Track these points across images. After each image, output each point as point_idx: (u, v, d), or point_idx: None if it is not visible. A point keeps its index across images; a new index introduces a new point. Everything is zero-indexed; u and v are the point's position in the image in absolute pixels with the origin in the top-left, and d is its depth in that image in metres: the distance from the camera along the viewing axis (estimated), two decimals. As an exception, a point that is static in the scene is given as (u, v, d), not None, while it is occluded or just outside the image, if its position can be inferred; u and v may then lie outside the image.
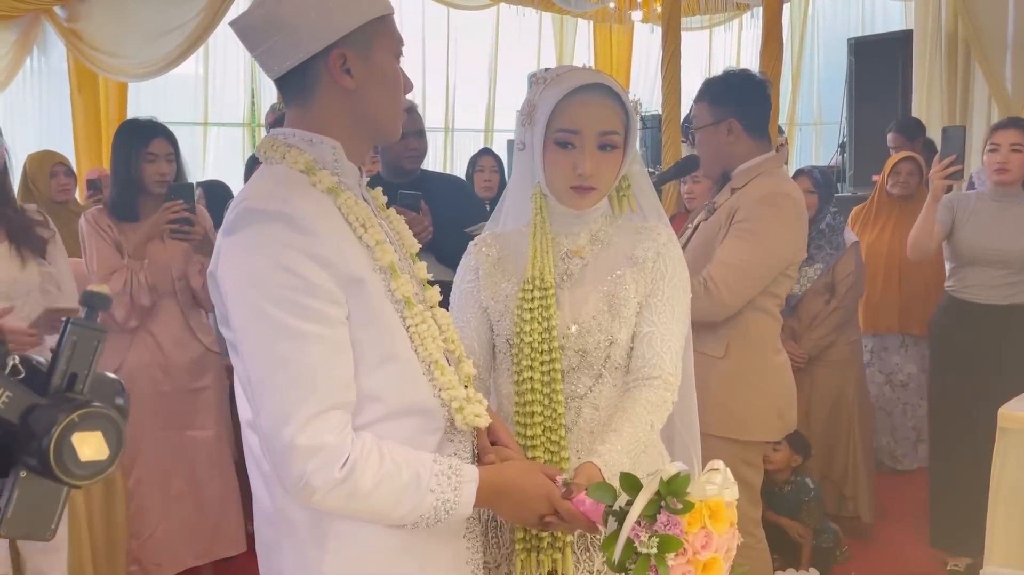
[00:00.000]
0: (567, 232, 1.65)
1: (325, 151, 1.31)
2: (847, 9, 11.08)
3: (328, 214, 1.25)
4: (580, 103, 1.56)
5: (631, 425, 1.52)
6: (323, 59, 1.26)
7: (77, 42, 6.35)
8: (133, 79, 6.68)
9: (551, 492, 1.33)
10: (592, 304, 1.60)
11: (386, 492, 1.20)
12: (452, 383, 1.33)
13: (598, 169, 1.58)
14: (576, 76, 1.60)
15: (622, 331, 1.60)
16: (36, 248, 2.54)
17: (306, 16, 1.24)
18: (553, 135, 1.58)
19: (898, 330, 4.12)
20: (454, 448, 1.36)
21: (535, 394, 1.55)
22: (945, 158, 3.01)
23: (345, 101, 1.30)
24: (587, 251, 1.65)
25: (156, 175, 2.88)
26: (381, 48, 1.29)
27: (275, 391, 1.17)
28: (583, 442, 1.60)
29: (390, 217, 1.41)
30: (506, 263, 1.68)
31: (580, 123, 1.56)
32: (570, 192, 1.60)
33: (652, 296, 1.62)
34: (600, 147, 1.58)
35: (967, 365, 3.17)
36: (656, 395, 1.56)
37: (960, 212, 3.15)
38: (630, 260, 1.63)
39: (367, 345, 1.24)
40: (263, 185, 1.27)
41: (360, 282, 1.24)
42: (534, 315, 1.56)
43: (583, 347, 1.59)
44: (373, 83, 1.29)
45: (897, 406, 4.20)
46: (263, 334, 1.18)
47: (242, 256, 1.21)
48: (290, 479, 1.17)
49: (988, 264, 3.10)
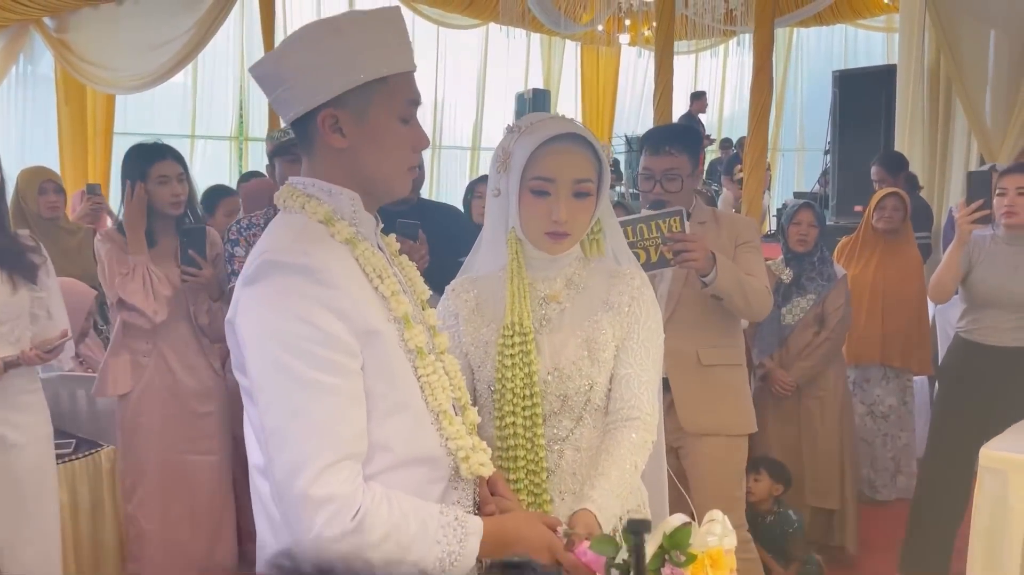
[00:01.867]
0: (543, 277, 1.68)
1: (344, 202, 1.33)
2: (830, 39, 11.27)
3: (346, 266, 1.28)
4: (555, 152, 1.59)
5: (618, 468, 1.54)
6: (316, 117, 1.30)
7: (66, 53, 6.33)
8: (122, 92, 6.67)
9: (553, 543, 1.35)
10: (571, 349, 1.63)
11: (394, 543, 1.21)
12: (460, 433, 1.36)
13: (573, 216, 1.61)
14: (551, 125, 1.62)
15: (601, 375, 1.63)
16: (28, 274, 2.55)
17: (302, 74, 1.28)
18: (529, 183, 1.61)
19: (880, 362, 4.17)
20: (457, 496, 1.38)
21: (517, 438, 1.57)
22: (972, 202, 3.03)
23: (340, 158, 1.32)
24: (563, 296, 1.67)
25: (170, 197, 2.86)
26: (379, 109, 1.30)
27: (290, 441, 1.19)
28: (565, 483, 1.63)
29: (402, 263, 1.43)
30: (484, 308, 1.70)
31: (555, 172, 1.59)
32: (545, 238, 1.63)
33: (628, 339, 1.65)
34: (575, 195, 1.61)
35: (972, 405, 3.19)
36: (638, 436, 1.60)
37: (975, 254, 3.16)
38: (606, 305, 1.66)
39: (379, 395, 1.27)
40: (284, 236, 1.29)
41: (376, 334, 1.26)
42: (515, 361, 1.58)
43: (564, 392, 1.62)
44: (366, 143, 1.31)
45: (878, 437, 4.25)
46: (280, 384, 1.20)
47: (261, 307, 1.23)
48: (301, 528, 1.19)
49: (1002, 307, 3.11)
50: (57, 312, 2.63)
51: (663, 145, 2.62)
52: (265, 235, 1.33)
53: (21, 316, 2.53)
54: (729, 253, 2.60)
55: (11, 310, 2.50)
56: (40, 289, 2.57)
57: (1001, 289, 3.10)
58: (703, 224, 2.66)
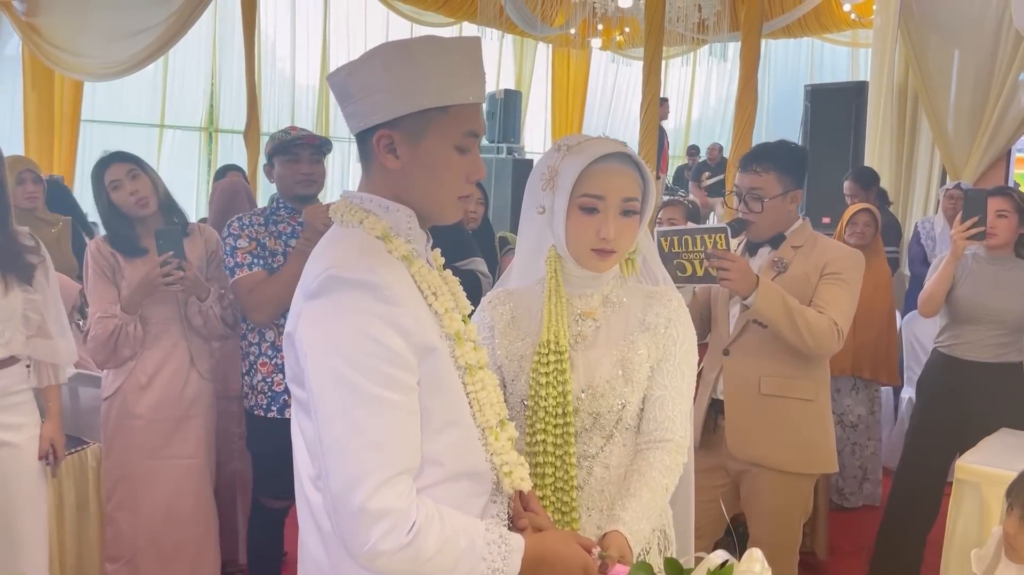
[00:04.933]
0: (580, 294, 1.69)
1: (401, 219, 1.35)
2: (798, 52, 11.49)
3: (405, 283, 1.30)
4: (605, 171, 1.61)
5: (649, 490, 1.57)
6: (372, 135, 1.32)
7: (35, 37, 6.16)
8: (92, 79, 6.51)
9: (588, 564, 1.38)
10: (606, 369, 1.64)
11: (445, 558, 1.23)
12: (505, 448, 1.39)
13: (620, 234, 1.63)
14: (600, 145, 1.64)
15: (635, 395, 1.64)
16: (23, 275, 2.49)
17: (366, 93, 1.30)
18: (578, 200, 1.62)
19: (851, 373, 4.29)
20: (496, 510, 1.41)
21: (547, 456, 1.59)
22: (967, 219, 3.11)
23: (392, 178, 1.34)
24: (599, 313, 1.69)
25: (128, 197, 2.79)
26: (436, 137, 1.32)
27: (349, 455, 1.20)
28: (593, 500, 1.65)
29: (446, 278, 1.44)
30: (520, 322, 1.71)
31: (605, 190, 1.61)
32: (592, 255, 1.63)
33: (664, 361, 1.67)
34: (623, 213, 1.63)
35: (948, 417, 3.28)
36: (669, 458, 1.63)
37: (958, 272, 3.26)
38: (642, 325, 1.68)
39: (434, 411, 1.29)
40: (347, 252, 1.30)
41: (433, 350, 1.28)
42: (549, 379, 1.59)
43: (596, 410, 1.63)
44: (418, 168, 1.33)
45: (847, 446, 4.37)
46: (341, 398, 1.21)
47: (325, 321, 1.24)
48: (356, 541, 1.20)
49: (983, 323, 3.21)
50: (52, 314, 2.56)
51: (751, 163, 2.56)
52: (325, 249, 1.34)
53: (12, 318, 2.47)
54: (811, 281, 2.50)
55: (2, 312, 2.44)
56: (35, 291, 2.51)
57: (982, 306, 3.20)
58: (797, 248, 2.57)
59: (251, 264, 2.75)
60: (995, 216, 3.15)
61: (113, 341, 2.75)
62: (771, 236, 2.61)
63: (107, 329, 2.74)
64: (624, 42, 10.76)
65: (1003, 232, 3.16)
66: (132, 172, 2.80)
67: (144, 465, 2.86)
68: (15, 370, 2.51)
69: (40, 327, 2.54)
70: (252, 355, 2.83)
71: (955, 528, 2.75)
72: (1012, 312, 3.17)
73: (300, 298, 1.31)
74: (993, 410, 3.13)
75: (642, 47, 4.69)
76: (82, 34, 6.08)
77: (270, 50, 8.61)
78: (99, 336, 2.74)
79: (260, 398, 2.82)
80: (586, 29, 10.04)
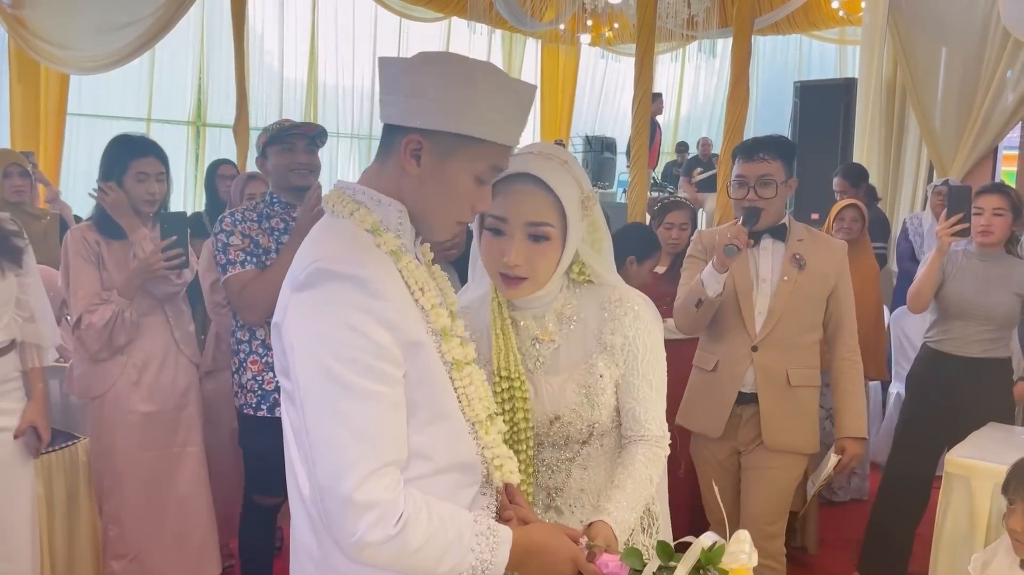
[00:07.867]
0: (533, 315, 1.63)
1: (391, 213, 1.35)
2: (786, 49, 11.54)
3: (392, 277, 1.30)
4: (508, 191, 1.52)
5: (633, 481, 1.58)
6: (403, 135, 1.32)
7: (21, 30, 6.10)
8: (79, 72, 6.47)
9: (576, 554, 1.38)
10: (570, 396, 1.61)
11: (432, 549, 1.24)
12: (496, 441, 1.40)
13: (529, 260, 1.53)
14: (516, 162, 1.52)
15: (603, 415, 1.63)
16: (14, 258, 2.49)
17: (416, 94, 1.29)
18: (486, 220, 1.55)
19: (840, 368, 4.31)
20: (486, 502, 1.42)
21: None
22: (952, 215, 3.15)
23: (404, 180, 1.34)
24: (556, 334, 1.63)
25: (146, 195, 2.79)
26: (463, 161, 1.32)
27: (335, 446, 1.20)
28: (574, 497, 1.66)
29: (435, 273, 1.45)
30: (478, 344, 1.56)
31: (507, 211, 1.52)
32: (499, 279, 1.56)
33: (628, 375, 1.63)
34: (530, 237, 1.53)
35: (937, 412, 3.32)
36: (651, 451, 1.64)
37: (948, 268, 3.29)
38: (600, 344, 1.62)
39: (420, 405, 1.29)
40: (335, 245, 1.30)
41: (418, 345, 1.29)
42: (504, 406, 1.57)
43: (566, 434, 1.63)
44: (434, 183, 1.33)
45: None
46: (328, 390, 1.21)
47: (312, 314, 1.24)
48: (344, 532, 1.20)
49: (971, 319, 3.25)
50: (37, 300, 2.57)
51: (756, 151, 2.61)
52: (314, 240, 1.34)
53: (8, 302, 2.48)
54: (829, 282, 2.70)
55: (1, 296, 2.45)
56: (26, 273, 2.53)
57: (972, 302, 3.22)
58: (801, 241, 2.69)
59: (244, 262, 2.72)
60: (992, 214, 3.17)
61: (109, 329, 2.73)
62: (774, 224, 2.69)
63: (104, 316, 2.72)
64: (613, 38, 10.77)
65: (999, 230, 3.18)
66: (160, 175, 2.82)
67: (144, 460, 2.85)
68: (8, 358, 2.52)
69: (30, 309, 2.55)
70: (242, 353, 2.81)
71: (944, 521, 2.78)
72: (1001, 308, 3.20)
73: (288, 289, 1.30)
74: (981, 405, 3.17)
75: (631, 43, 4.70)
76: (69, 27, 6.03)
77: (258, 44, 8.57)
78: (95, 324, 2.72)
79: (249, 397, 2.79)
80: (575, 24, 10.05)
